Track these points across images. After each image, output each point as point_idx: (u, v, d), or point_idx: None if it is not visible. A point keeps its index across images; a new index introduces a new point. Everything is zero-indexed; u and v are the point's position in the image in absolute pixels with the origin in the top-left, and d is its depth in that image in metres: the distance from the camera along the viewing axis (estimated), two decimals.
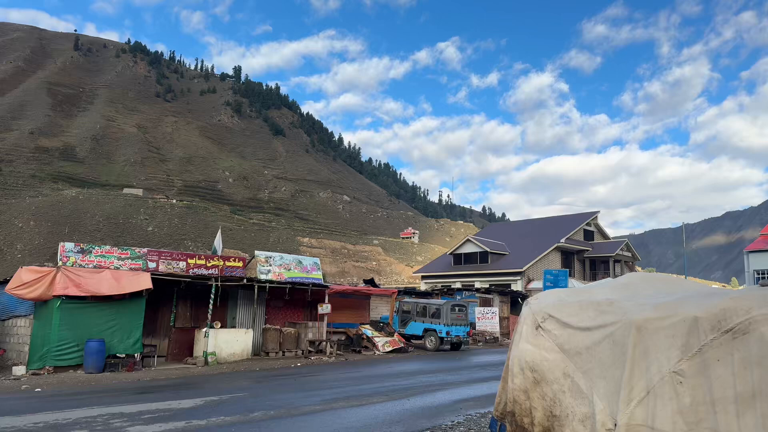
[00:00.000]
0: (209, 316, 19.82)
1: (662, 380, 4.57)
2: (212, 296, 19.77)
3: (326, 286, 23.13)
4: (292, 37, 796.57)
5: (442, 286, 42.04)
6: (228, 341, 20.20)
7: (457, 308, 24.73)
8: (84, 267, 17.39)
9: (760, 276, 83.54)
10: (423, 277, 58.34)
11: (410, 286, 71.89)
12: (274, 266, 21.90)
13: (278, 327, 22.19)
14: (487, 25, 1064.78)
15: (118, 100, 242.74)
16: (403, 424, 9.65)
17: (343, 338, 23.99)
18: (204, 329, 19.75)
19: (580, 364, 5.17)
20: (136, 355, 17.79)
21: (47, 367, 16.34)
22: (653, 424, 4.54)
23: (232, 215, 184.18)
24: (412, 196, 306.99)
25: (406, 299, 27.15)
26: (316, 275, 22.95)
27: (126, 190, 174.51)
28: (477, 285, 47.69)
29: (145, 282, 17.83)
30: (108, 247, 18.16)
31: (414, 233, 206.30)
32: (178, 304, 20.85)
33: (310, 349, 22.21)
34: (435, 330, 24.15)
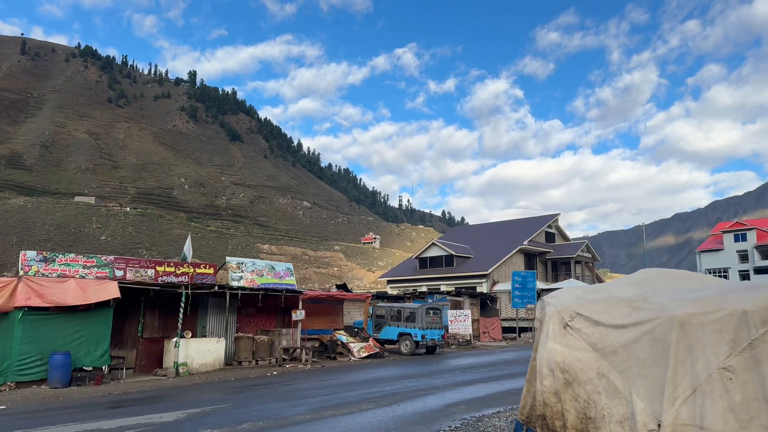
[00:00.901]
0: (180, 326, 19.11)
1: (710, 377, 4.40)
2: (182, 305, 19.07)
3: (300, 292, 22.63)
4: (248, 41, 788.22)
5: (412, 289, 41.88)
6: (199, 351, 19.51)
7: (431, 311, 24.55)
8: (47, 276, 16.50)
9: (712, 274, 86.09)
10: (389, 282, 58.14)
11: (377, 291, 71.57)
12: (246, 272, 21.29)
13: (251, 335, 21.58)
14: (443, 32, 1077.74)
15: (68, 106, 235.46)
16: (399, 431, 9.35)
17: (316, 345, 23.51)
18: (174, 339, 19.03)
19: (616, 363, 4.97)
20: (103, 367, 17.00)
21: (9, 383, 15.40)
22: (702, 423, 4.37)
23: (189, 223, 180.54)
24: (372, 201, 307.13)
25: (380, 303, 26.84)
26: (290, 281, 22.43)
27: (77, 198, 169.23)
28: (443, 288, 47.75)
29: (112, 291, 17.05)
30: (73, 255, 17.30)
31: (375, 238, 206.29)
32: (146, 314, 20.06)
33: (284, 357, 21.67)
34: (410, 334, 23.91)
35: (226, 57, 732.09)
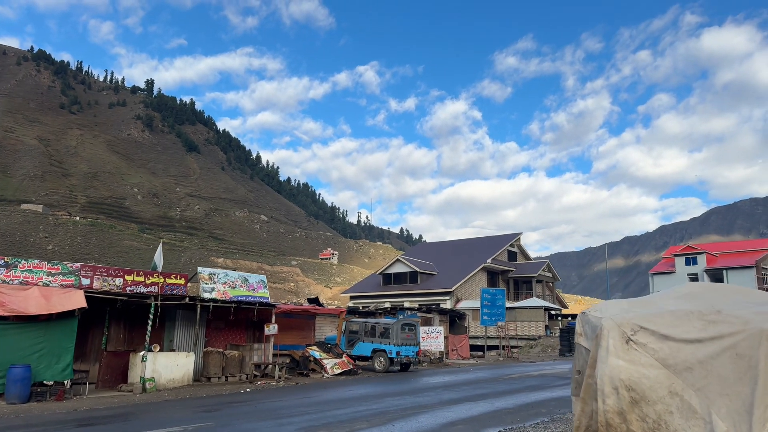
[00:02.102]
0: (147, 339, 18.09)
1: None
2: (151, 316, 18.08)
3: (273, 305, 21.83)
4: (208, 52, 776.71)
5: (374, 306, 41.30)
6: (167, 366, 18.49)
7: (407, 327, 24.06)
8: (8, 283, 15.35)
9: None
10: (352, 297, 57.38)
11: (337, 306, 70.59)
12: (219, 284, 20.41)
13: (221, 350, 20.64)
14: (405, 51, 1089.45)
15: (18, 110, 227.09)
16: None
17: (288, 361, 22.68)
18: (141, 353, 17.98)
19: (692, 381, 4.63)
20: (65, 382, 15.85)
21: None
22: None
23: (140, 234, 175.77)
24: (331, 216, 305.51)
25: (354, 319, 26.19)
26: (263, 293, 21.62)
27: (24, 206, 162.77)
28: (406, 305, 47.31)
29: (78, 300, 15.98)
30: (36, 262, 16.18)
31: (333, 254, 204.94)
32: (110, 325, 18.92)
33: (255, 373, 20.79)
34: (384, 350, 23.32)
35: (185, 66, 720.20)
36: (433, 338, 28.05)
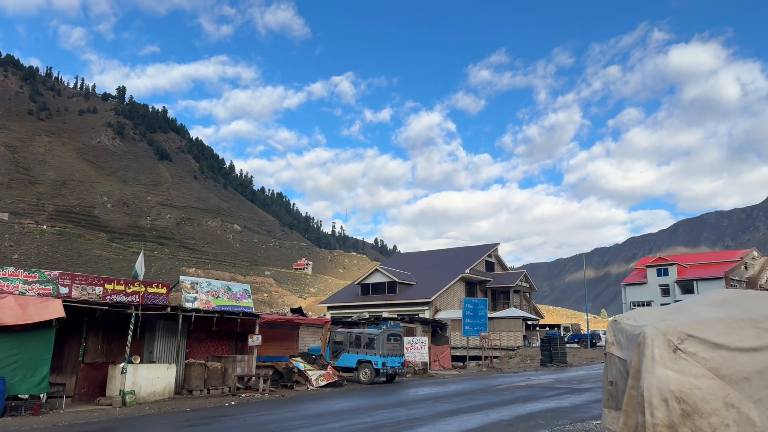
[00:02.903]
0: (128, 350, 17.41)
1: None
2: (132, 327, 17.42)
3: (257, 316, 21.26)
4: (181, 59, 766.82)
5: (357, 316, 40.81)
6: (148, 378, 17.81)
7: (392, 338, 23.67)
8: None
9: (636, 307, 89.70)
10: (329, 308, 56.69)
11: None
12: (201, 293, 19.80)
13: (202, 361, 20.00)
14: (380, 63, 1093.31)
15: None
16: None
17: (271, 373, 22.09)
18: (121, 365, 17.28)
19: (750, 392, 4.40)
20: (41, 395, 15.12)
21: None
22: None
23: (110, 243, 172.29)
24: (305, 226, 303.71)
25: (339, 329, 25.72)
26: (247, 303, 21.07)
27: None
28: (385, 315, 46.83)
29: (56, 310, 15.29)
30: (12, 269, 15.45)
31: (307, 264, 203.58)
32: (88, 336, 18.18)
33: (238, 385, 20.19)
34: (370, 361, 22.89)
35: (158, 74, 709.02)
36: (417, 349, 27.71)
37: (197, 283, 20.00)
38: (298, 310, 27.66)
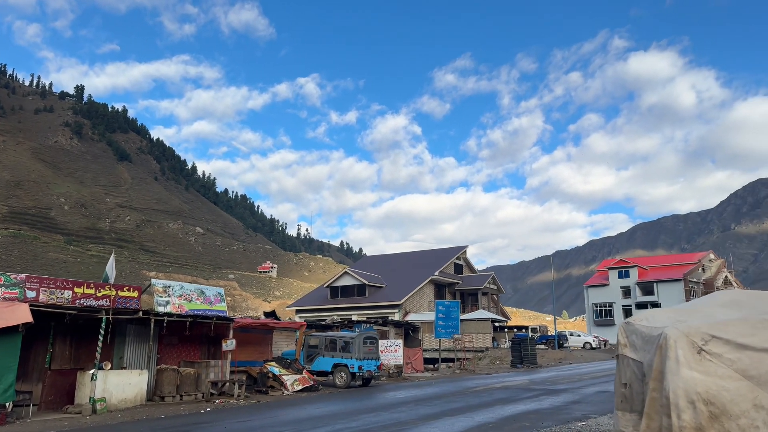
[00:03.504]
0: (98, 356, 16.79)
1: None
2: (102, 331, 16.80)
3: (231, 320, 20.80)
4: (142, 58, 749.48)
5: (330, 319, 40.42)
6: (119, 385, 17.21)
7: (368, 341, 23.45)
8: None
9: (598, 308, 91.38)
10: (297, 311, 56.17)
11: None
12: (174, 297, 19.23)
13: (175, 367, 19.44)
14: (346, 65, 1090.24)
15: None
16: None
17: (244, 378, 21.63)
18: (91, 371, 16.66)
19: None
20: (7, 404, 14.43)
21: None
22: None
23: (67, 246, 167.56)
24: (270, 229, 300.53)
25: (314, 333, 25.37)
26: (220, 307, 20.56)
27: None
28: (354, 318, 46.64)
29: (22, 314, 14.62)
30: None
31: (272, 267, 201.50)
32: (55, 342, 17.48)
33: (212, 391, 19.68)
34: (346, 365, 22.61)
35: (118, 73, 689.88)
36: (392, 351, 27.56)
37: (169, 287, 19.43)
38: (271, 314, 27.21)
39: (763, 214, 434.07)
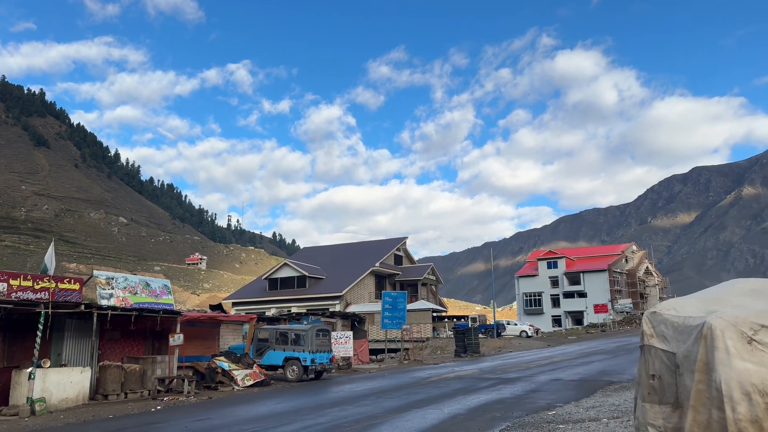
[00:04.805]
0: (36, 353, 15.55)
1: None
2: (41, 327, 15.57)
3: (179, 313, 19.81)
4: (61, 39, 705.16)
5: (277, 312, 39.51)
6: (60, 384, 16.04)
7: (321, 333, 22.94)
8: None
9: (528, 298, 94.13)
10: (234, 304, 54.71)
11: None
12: (118, 289, 18.10)
13: (119, 363, 18.34)
14: (279, 53, 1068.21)
15: None
16: None
17: (191, 373, 20.71)
18: (28, 369, 15.41)
19: None
20: None
21: None
22: None
23: None
24: (198, 219, 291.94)
25: (264, 326, 24.56)
26: (167, 300, 19.54)
27: None
28: (294, 310, 45.95)
29: None
30: None
31: (201, 259, 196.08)
32: None
33: (159, 388, 18.71)
34: (298, 358, 22.02)
35: (34, 53, 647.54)
36: (342, 344, 27.15)
37: (113, 278, 18.28)
38: (218, 307, 26.21)
39: (676, 209, 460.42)
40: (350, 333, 28.30)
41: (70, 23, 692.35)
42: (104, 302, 17.51)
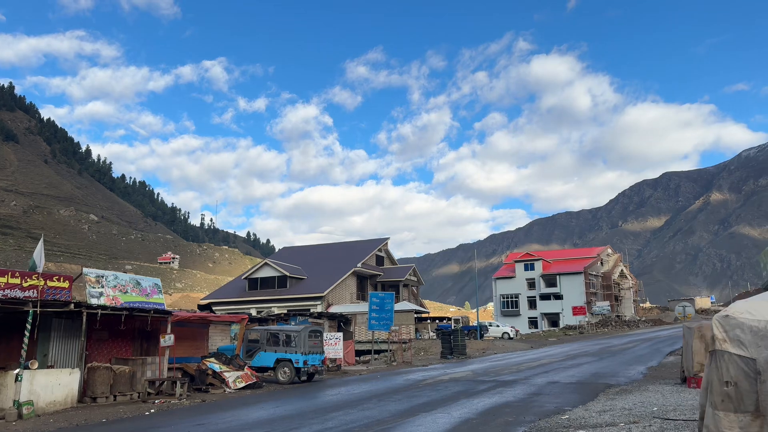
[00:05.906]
0: (23, 354, 14.84)
1: None
2: (29, 326, 14.85)
3: (169, 313, 19.14)
4: (31, 31, 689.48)
5: (266, 313, 38.80)
6: (48, 386, 15.33)
7: (313, 334, 22.45)
8: None
9: (506, 299, 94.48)
10: (213, 305, 53.67)
11: None
12: (108, 288, 17.41)
13: (108, 365, 17.63)
14: (256, 50, 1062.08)
15: None
16: None
17: (180, 375, 20.07)
18: (15, 371, 14.69)
19: None
20: None
21: None
22: None
23: None
24: (171, 218, 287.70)
25: (255, 327, 23.95)
26: (158, 299, 18.89)
27: None
28: (275, 311, 45.25)
29: None
30: None
31: (173, 258, 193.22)
32: None
33: (149, 390, 18.03)
34: (290, 360, 21.49)
35: (3, 46, 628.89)
36: (331, 345, 26.67)
37: (103, 277, 17.58)
38: (206, 307, 25.56)
39: (647, 213, 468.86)
40: (340, 334, 27.85)
41: (41, 16, 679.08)
42: (94, 301, 16.82)
